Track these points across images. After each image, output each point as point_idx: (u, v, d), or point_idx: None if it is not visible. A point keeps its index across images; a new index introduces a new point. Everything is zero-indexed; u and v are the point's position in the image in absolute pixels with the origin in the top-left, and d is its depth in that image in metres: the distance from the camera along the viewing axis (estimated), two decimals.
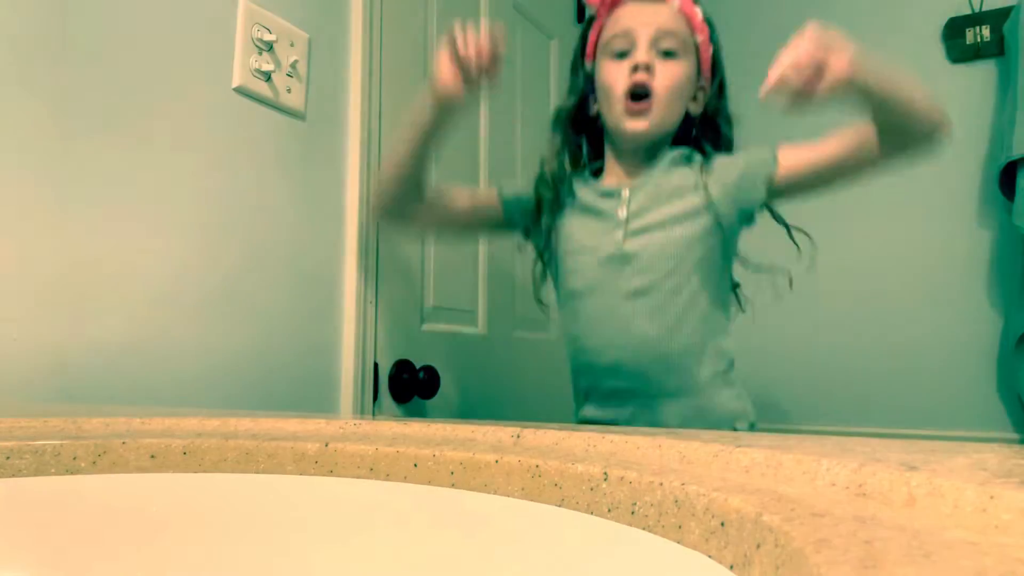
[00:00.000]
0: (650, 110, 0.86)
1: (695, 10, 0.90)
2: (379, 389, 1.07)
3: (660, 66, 0.86)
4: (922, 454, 0.27)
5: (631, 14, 0.88)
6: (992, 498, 0.20)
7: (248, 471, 0.38)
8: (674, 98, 0.88)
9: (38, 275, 0.71)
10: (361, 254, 1.06)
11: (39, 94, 0.72)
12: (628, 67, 0.86)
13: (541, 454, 0.33)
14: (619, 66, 0.87)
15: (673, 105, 0.88)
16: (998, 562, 0.15)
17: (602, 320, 0.88)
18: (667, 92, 0.86)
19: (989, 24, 1.46)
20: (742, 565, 0.21)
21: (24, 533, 0.36)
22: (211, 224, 0.87)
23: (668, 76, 0.86)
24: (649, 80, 0.85)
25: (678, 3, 0.88)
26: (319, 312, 1.01)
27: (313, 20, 1.02)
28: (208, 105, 0.88)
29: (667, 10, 0.88)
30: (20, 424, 0.41)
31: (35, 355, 0.70)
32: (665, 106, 0.87)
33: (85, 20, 0.76)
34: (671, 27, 0.87)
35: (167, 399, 0.80)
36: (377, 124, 1.11)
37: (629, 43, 0.87)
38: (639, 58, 0.86)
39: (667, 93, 0.86)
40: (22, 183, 0.70)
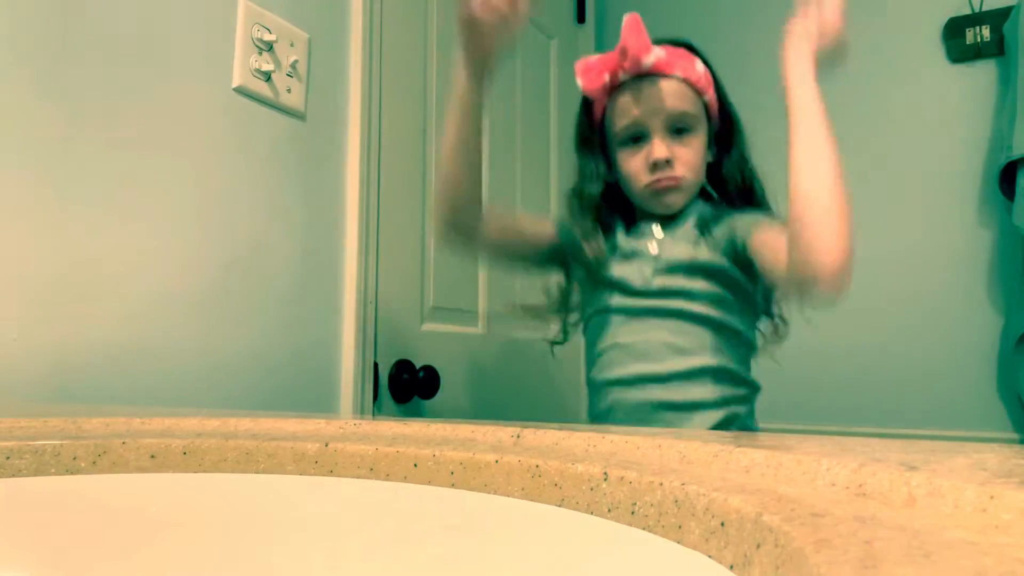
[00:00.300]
0: (676, 191, 0.86)
1: (697, 73, 0.86)
2: (379, 389, 1.07)
3: (678, 150, 0.85)
4: (922, 454, 0.27)
5: (635, 102, 0.85)
6: (992, 498, 0.20)
7: (248, 471, 0.38)
8: (698, 171, 0.87)
9: (38, 275, 0.71)
10: (361, 254, 1.06)
11: (39, 94, 0.72)
12: (646, 159, 0.85)
13: (541, 454, 0.33)
14: (636, 157, 0.86)
15: (698, 176, 0.88)
16: (998, 562, 0.15)
17: (629, 339, 0.87)
18: (691, 172, 0.86)
19: (989, 24, 1.46)
20: (742, 565, 0.21)
21: (24, 533, 0.36)
22: (211, 224, 0.87)
23: (688, 157, 0.85)
24: (672, 174, 0.84)
25: (681, 73, 0.85)
26: (319, 312, 1.01)
27: (313, 20, 1.02)
28: (208, 105, 0.88)
29: (672, 88, 0.84)
30: (20, 424, 0.41)
31: (35, 355, 0.70)
32: (693, 180, 0.87)
33: (85, 20, 0.76)
34: (681, 107, 0.84)
35: (167, 399, 0.80)
36: (377, 124, 1.11)
37: (640, 132, 0.85)
38: (657, 154, 0.84)
39: (692, 171, 0.86)
40: (22, 183, 0.70)
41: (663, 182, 0.85)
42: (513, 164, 1.45)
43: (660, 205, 0.87)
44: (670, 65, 0.84)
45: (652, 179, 0.85)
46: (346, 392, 1.03)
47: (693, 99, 0.85)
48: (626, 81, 0.85)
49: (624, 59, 0.83)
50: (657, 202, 0.87)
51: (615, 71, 0.85)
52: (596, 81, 0.86)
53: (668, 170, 0.84)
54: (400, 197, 1.15)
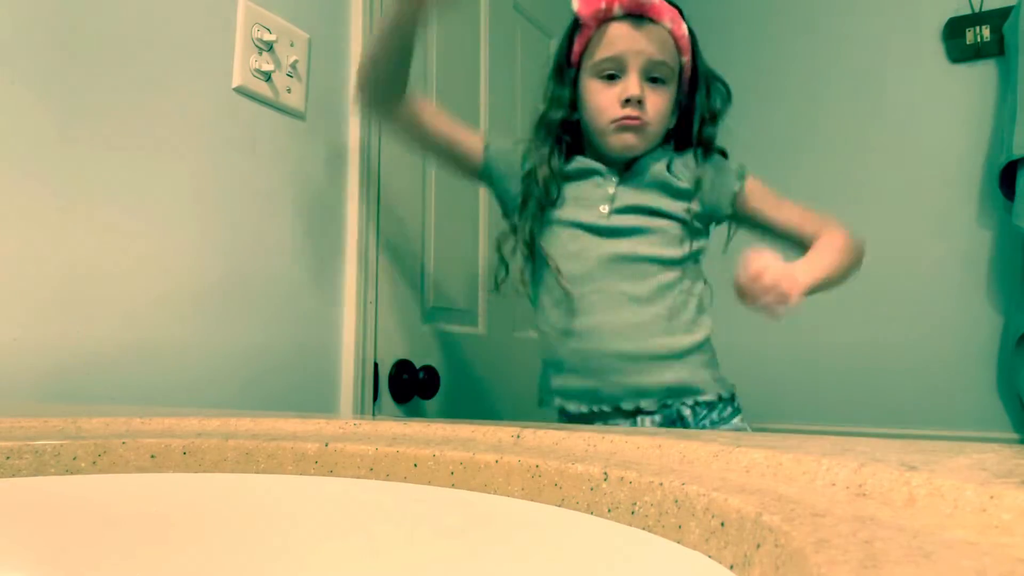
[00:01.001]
0: (640, 131, 0.87)
1: (683, 31, 0.89)
2: (379, 389, 1.07)
3: (650, 94, 0.87)
4: (922, 454, 0.27)
5: (623, 37, 0.86)
6: (992, 498, 0.20)
7: (248, 471, 0.38)
8: (662, 122, 0.89)
9: (38, 275, 0.71)
10: (361, 254, 1.06)
11: (39, 94, 0.72)
12: (618, 96, 0.86)
13: (541, 454, 0.33)
14: (608, 91, 0.87)
15: (660, 127, 0.89)
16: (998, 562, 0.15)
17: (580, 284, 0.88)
18: (656, 119, 0.88)
19: (989, 24, 1.46)
20: (742, 565, 0.21)
21: (24, 533, 0.36)
22: (211, 224, 0.87)
23: (658, 103, 0.87)
24: (641, 114, 0.86)
25: (669, 24, 0.87)
26: (319, 312, 1.01)
27: (313, 20, 1.02)
28: (208, 105, 0.88)
29: (658, 34, 0.86)
30: (20, 424, 0.41)
31: (35, 355, 0.70)
32: (654, 130, 0.88)
33: (84, 20, 0.76)
34: (662, 56, 0.86)
35: (167, 399, 0.80)
36: (377, 124, 1.11)
37: (619, 68, 0.87)
38: (631, 90, 0.85)
39: (657, 120, 0.88)
40: (22, 183, 0.70)
41: (631, 120, 0.86)
42: None
43: (620, 143, 0.88)
44: (662, 13, 0.86)
45: (621, 114, 0.86)
46: (346, 392, 1.03)
47: (673, 53, 0.88)
48: (618, 16, 0.87)
49: None
50: (618, 139, 0.87)
51: (613, 2, 0.86)
52: (592, 5, 0.87)
53: (638, 108, 0.86)
54: (400, 197, 1.15)
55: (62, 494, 0.37)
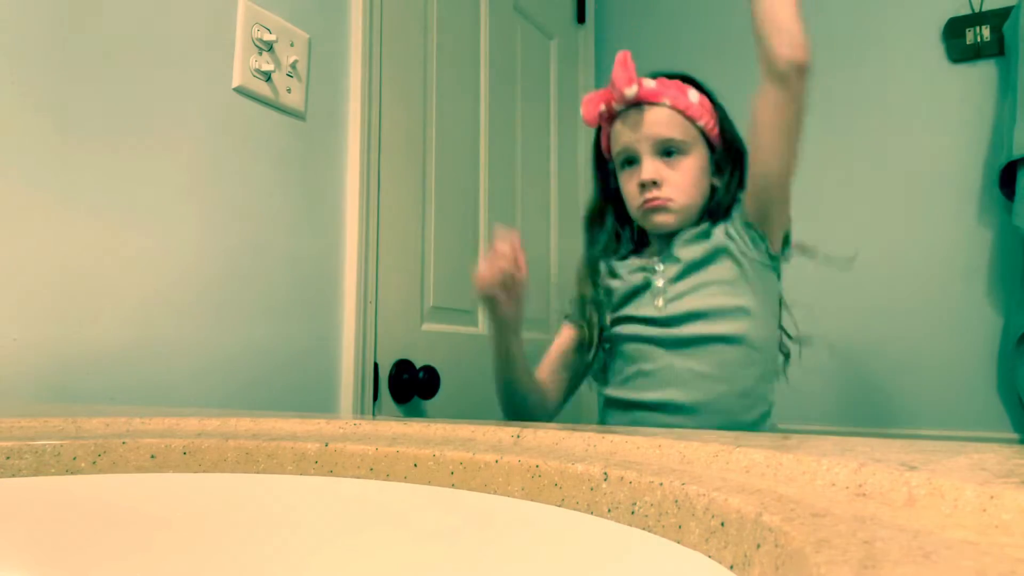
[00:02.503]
0: (665, 210, 0.89)
1: (688, 102, 0.90)
2: (379, 389, 1.07)
3: (667, 172, 0.89)
4: (922, 454, 0.27)
5: (627, 128, 0.90)
6: (992, 498, 0.20)
7: (248, 471, 0.38)
8: (692, 189, 0.90)
9: (38, 275, 0.71)
10: (361, 254, 1.06)
11: (39, 94, 0.72)
12: (637, 182, 0.89)
13: (541, 454, 0.33)
14: (631, 179, 0.91)
15: (693, 193, 0.90)
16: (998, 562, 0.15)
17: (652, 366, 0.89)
18: (682, 192, 0.89)
19: (989, 24, 1.46)
20: (742, 565, 0.21)
21: (24, 533, 0.36)
22: (211, 224, 0.87)
23: (677, 178, 0.89)
24: (659, 194, 0.88)
25: (669, 102, 0.89)
26: (319, 312, 1.01)
27: (313, 20, 1.02)
28: (208, 105, 0.88)
29: (660, 115, 0.89)
30: (20, 424, 0.41)
31: (35, 355, 0.70)
32: (684, 202, 0.89)
33: (84, 20, 0.76)
34: (668, 133, 0.88)
35: (167, 399, 0.80)
36: (377, 124, 1.11)
37: (633, 157, 0.91)
38: (644, 175, 0.88)
39: (682, 193, 0.89)
40: (22, 183, 0.70)
41: (651, 202, 0.89)
42: (513, 164, 1.45)
43: (651, 225, 0.91)
44: (658, 95, 0.90)
45: (642, 199, 0.89)
46: (346, 392, 1.03)
47: (683, 125, 0.90)
48: (620, 111, 0.92)
49: (613, 89, 0.91)
50: (648, 221, 0.91)
51: (609, 102, 0.92)
52: (593, 112, 0.94)
53: (655, 190, 0.88)
54: (400, 197, 1.15)
55: (62, 494, 0.37)
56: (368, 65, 1.09)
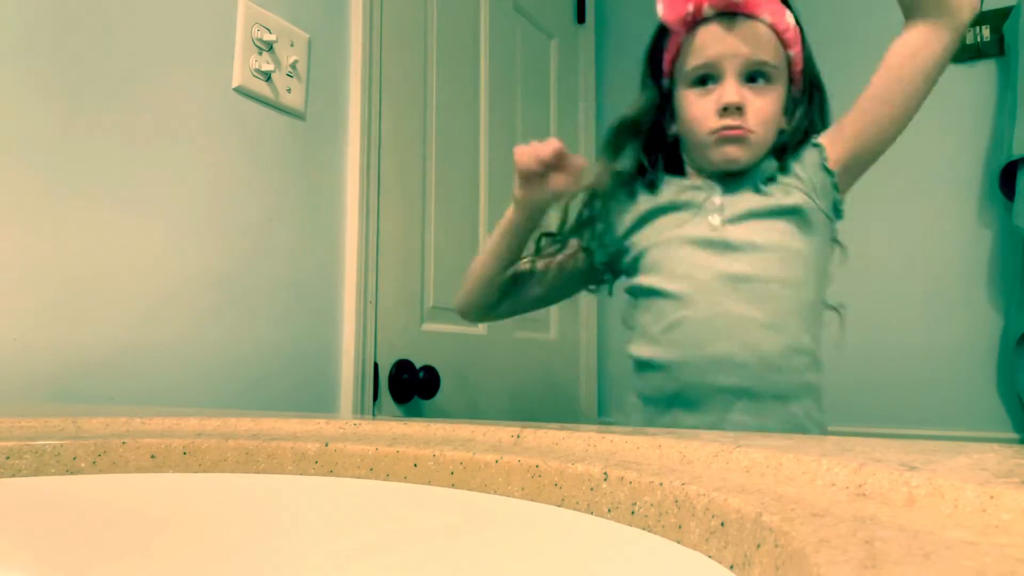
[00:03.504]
0: (743, 141, 0.78)
1: (787, 23, 0.79)
2: (379, 389, 1.07)
3: (752, 98, 0.77)
4: (922, 454, 0.27)
5: (715, 39, 0.78)
6: (992, 498, 0.20)
7: (248, 471, 0.38)
8: (772, 123, 0.80)
9: (39, 276, 0.71)
10: (361, 254, 1.06)
11: (39, 95, 0.72)
12: (715, 103, 0.77)
13: (541, 454, 0.33)
14: (704, 99, 0.78)
15: (772, 128, 0.80)
16: (998, 562, 0.15)
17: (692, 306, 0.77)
18: (764, 125, 0.78)
19: (989, 24, 1.46)
20: (742, 565, 0.21)
21: (24, 533, 0.36)
22: (211, 224, 0.87)
23: (762, 109, 0.78)
24: (742, 122, 0.77)
25: (769, 18, 0.78)
26: (319, 312, 1.01)
27: (313, 20, 1.02)
28: (208, 105, 0.88)
29: (756, 30, 0.77)
30: (20, 424, 0.41)
31: (35, 355, 0.70)
32: (764, 136, 0.79)
33: (84, 20, 0.76)
34: (762, 55, 0.77)
35: (167, 399, 0.80)
36: (377, 124, 1.11)
37: (714, 74, 0.78)
38: (728, 97, 0.76)
39: (764, 126, 0.78)
40: (22, 184, 0.70)
41: (731, 130, 0.77)
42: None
43: (722, 157, 0.78)
44: (759, 6, 0.77)
45: (719, 124, 0.77)
46: (346, 392, 1.03)
47: (777, 49, 0.79)
48: (709, 16, 0.78)
49: None
50: (719, 153, 0.78)
51: (700, 2, 0.78)
52: (679, 10, 0.79)
53: (738, 116, 0.76)
54: (400, 197, 1.15)
55: (62, 494, 0.37)
56: (368, 65, 1.09)
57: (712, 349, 0.76)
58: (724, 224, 0.78)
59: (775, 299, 0.76)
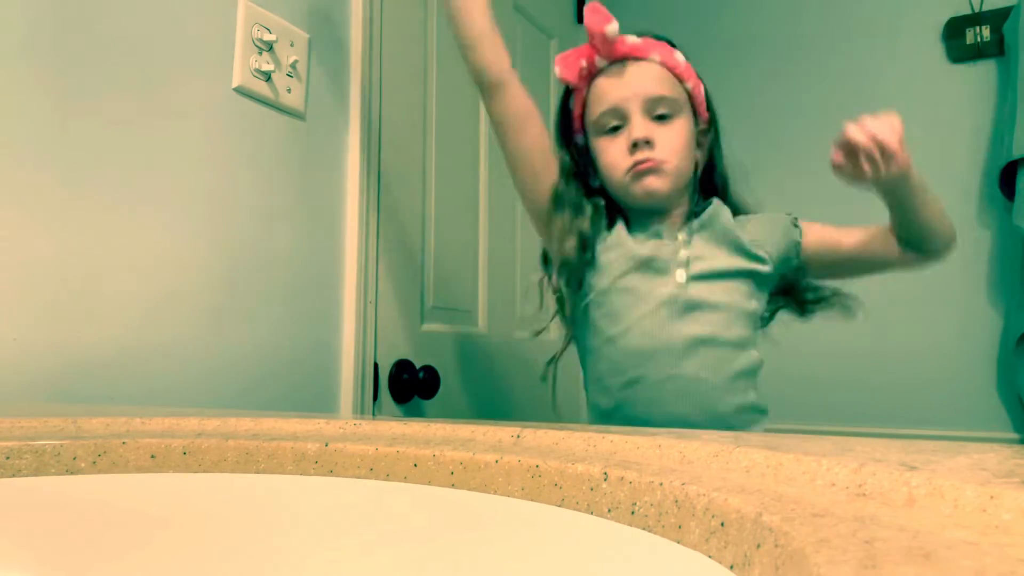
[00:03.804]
0: (659, 171, 0.81)
1: (676, 61, 0.84)
2: (379, 389, 1.07)
3: (659, 131, 0.81)
4: (922, 454, 0.27)
5: (614, 85, 0.82)
6: (992, 498, 0.20)
7: (248, 471, 0.38)
8: (685, 152, 0.83)
9: (38, 276, 0.71)
10: (361, 254, 1.06)
11: (39, 96, 0.72)
12: (626, 143, 0.81)
13: (541, 454, 0.33)
14: (616, 142, 0.82)
15: (685, 157, 0.83)
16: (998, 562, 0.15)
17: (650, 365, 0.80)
18: (675, 154, 0.81)
19: (989, 24, 1.46)
20: (742, 565, 0.21)
21: (24, 533, 0.36)
22: (211, 224, 0.87)
23: (671, 139, 0.81)
24: (652, 155, 0.80)
25: (659, 57, 0.82)
26: (319, 312, 1.01)
27: (313, 20, 1.02)
28: (208, 105, 0.88)
29: (650, 71, 0.82)
30: (20, 424, 0.41)
31: (35, 355, 0.70)
32: (678, 165, 0.82)
33: (83, 20, 0.76)
34: (660, 90, 0.81)
35: (167, 399, 0.80)
36: (377, 124, 1.11)
37: (621, 118, 0.82)
38: (636, 133, 0.80)
39: (676, 155, 0.82)
40: (22, 185, 0.70)
41: (644, 163, 0.80)
42: None
43: (642, 191, 0.81)
44: (646, 50, 0.82)
45: (632, 160, 0.80)
46: (346, 392, 1.03)
47: (673, 83, 0.83)
48: (603, 67, 0.83)
49: (593, 40, 0.81)
50: (639, 187, 0.81)
51: (591, 57, 0.83)
52: (572, 68, 0.84)
53: (648, 149, 0.80)
54: (400, 197, 1.15)
55: (62, 494, 0.37)
56: (368, 65, 1.09)
57: (669, 408, 0.80)
58: (689, 281, 0.81)
59: (727, 361, 0.81)
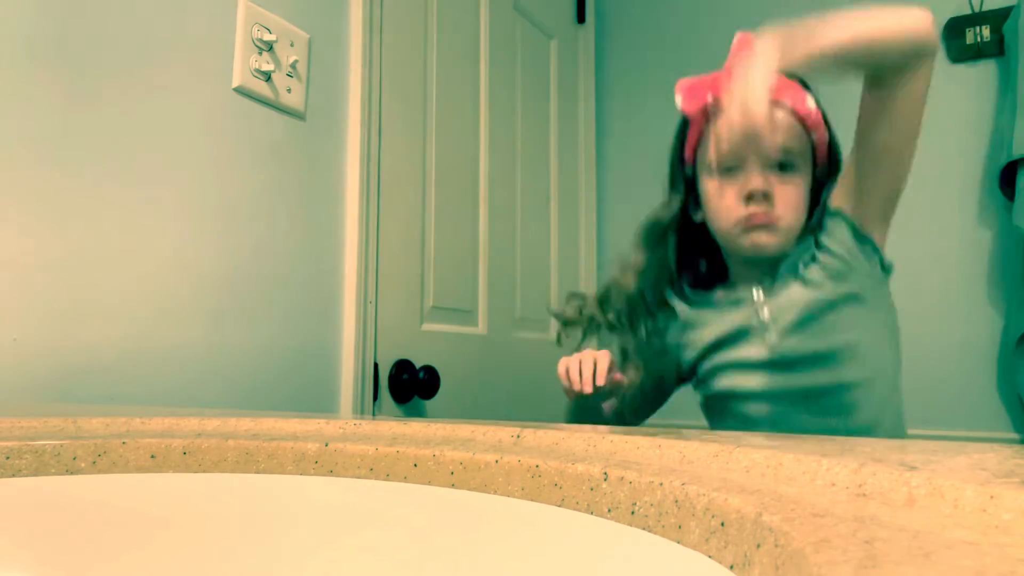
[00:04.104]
0: (772, 228, 0.76)
1: (808, 108, 0.77)
2: (379, 389, 1.07)
3: (778, 185, 0.75)
4: (922, 454, 0.27)
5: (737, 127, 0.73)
6: (992, 498, 0.20)
7: (248, 471, 0.38)
8: (798, 213, 0.77)
9: (39, 276, 0.71)
10: (361, 254, 1.06)
11: (40, 97, 0.72)
12: (741, 192, 0.75)
13: (541, 454, 0.33)
14: (730, 188, 0.76)
15: (800, 215, 0.78)
16: (998, 562, 0.15)
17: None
18: (792, 211, 0.76)
19: (989, 24, 1.46)
20: (742, 565, 0.21)
21: (24, 533, 0.36)
22: (211, 224, 0.87)
23: (789, 195, 0.76)
24: (768, 210, 0.75)
25: (790, 103, 0.76)
26: (319, 312, 1.01)
27: (313, 20, 1.02)
28: (208, 105, 0.88)
29: (779, 116, 0.74)
30: (20, 424, 0.41)
31: (35, 355, 0.70)
32: (792, 223, 0.77)
33: (83, 20, 0.76)
34: (786, 139, 0.75)
35: (167, 399, 0.80)
36: (377, 124, 1.11)
37: (738, 162, 0.76)
38: (754, 184, 0.74)
39: (792, 213, 0.76)
40: (23, 186, 0.70)
41: (758, 217, 0.75)
42: (513, 163, 1.45)
43: (751, 244, 0.76)
44: (779, 93, 0.74)
45: (747, 212, 0.75)
46: (346, 392, 1.03)
47: (800, 134, 0.77)
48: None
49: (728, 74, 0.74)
50: (748, 240, 0.76)
51: (719, 93, 0.74)
52: (697, 102, 0.78)
53: (765, 204, 0.74)
54: (400, 197, 1.15)
55: (62, 494, 0.37)
56: (368, 65, 1.09)
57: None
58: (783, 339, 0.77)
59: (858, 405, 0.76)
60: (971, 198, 1.46)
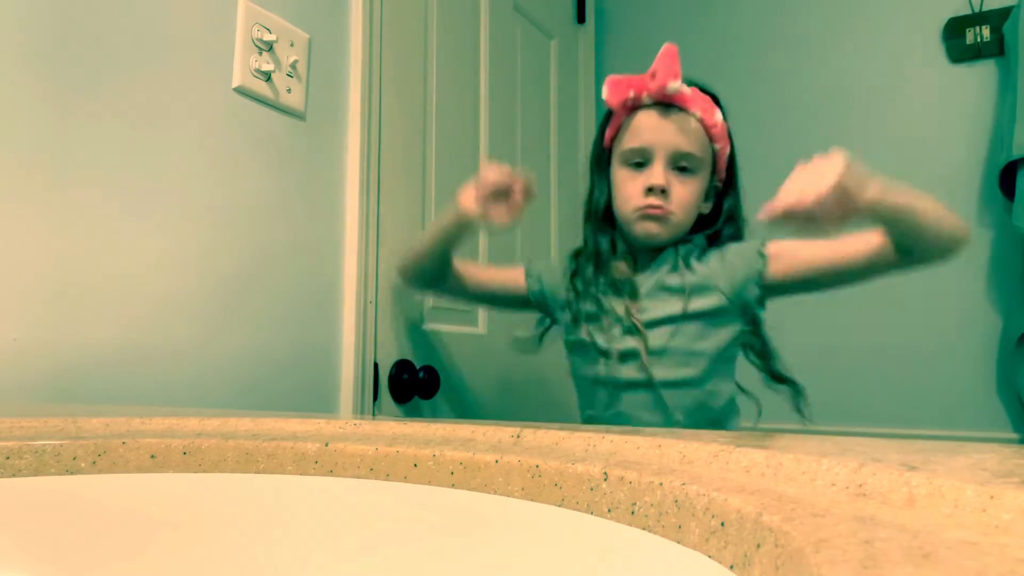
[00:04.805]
0: (663, 220, 0.86)
1: (715, 120, 0.87)
2: (379, 389, 1.07)
3: (676, 183, 0.86)
4: (922, 454, 0.27)
5: (650, 127, 0.86)
6: (992, 498, 0.20)
7: (248, 471, 0.38)
8: (692, 209, 0.88)
9: (39, 276, 0.71)
10: (361, 254, 1.06)
11: (39, 95, 0.72)
12: (643, 184, 0.86)
13: (541, 454, 0.33)
14: (634, 178, 0.87)
15: (691, 213, 0.88)
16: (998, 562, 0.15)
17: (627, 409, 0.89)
18: (684, 209, 0.87)
19: (989, 24, 1.46)
20: (742, 565, 0.21)
21: (24, 533, 0.36)
22: (211, 224, 0.87)
23: (684, 194, 0.86)
24: (664, 203, 0.85)
25: (700, 113, 0.86)
26: (319, 312, 1.01)
27: (313, 20, 1.02)
28: (208, 105, 0.88)
29: (687, 124, 0.86)
30: (20, 424, 0.41)
31: (35, 355, 0.70)
32: (682, 219, 0.87)
33: (83, 20, 0.76)
34: (689, 147, 0.85)
35: (167, 399, 0.80)
36: (377, 124, 1.11)
37: (645, 157, 0.87)
38: (655, 179, 0.85)
39: (683, 210, 0.87)
40: (23, 186, 0.70)
41: (653, 209, 0.85)
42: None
43: (643, 231, 0.87)
44: (692, 102, 0.86)
45: (644, 202, 0.86)
46: (346, 392, 1.03)
47: (704, 142, 0.87)
48: (647, 104, 0.87)
49: (651, 81, 0.85)
50: (641, 227, 0.87)
51: (640, 91, 0.87)
52: (620, 95, 0.87)
53: (661, 198, 0.85)
54: (400, 197, 1.15)
55: (62, 494, 0.37)
56: (368, 65, 1.09)
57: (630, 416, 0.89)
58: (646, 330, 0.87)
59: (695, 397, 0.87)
60: (971, 198, 1.46)
